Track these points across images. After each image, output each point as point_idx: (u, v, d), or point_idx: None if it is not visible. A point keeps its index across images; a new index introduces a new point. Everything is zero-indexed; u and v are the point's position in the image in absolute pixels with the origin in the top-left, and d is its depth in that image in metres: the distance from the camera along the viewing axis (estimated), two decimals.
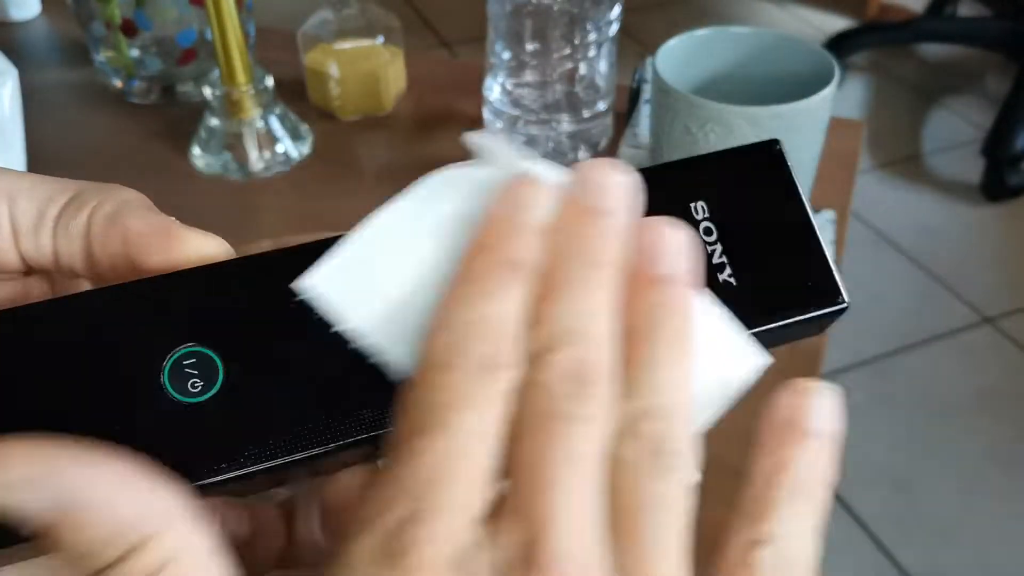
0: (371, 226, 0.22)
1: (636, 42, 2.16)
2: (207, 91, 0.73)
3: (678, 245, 0.21)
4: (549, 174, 0.22)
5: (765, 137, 0.25)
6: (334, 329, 0.22)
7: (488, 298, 0.19)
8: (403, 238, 0.22)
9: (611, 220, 0.21)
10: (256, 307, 0.23)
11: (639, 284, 0.21)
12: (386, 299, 0.21)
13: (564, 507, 0.18)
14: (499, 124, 0.77)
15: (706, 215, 0.24)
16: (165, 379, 0.22)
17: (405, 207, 0.22)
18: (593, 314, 0.20)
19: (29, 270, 0.24)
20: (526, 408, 0.19)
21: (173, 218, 0.23)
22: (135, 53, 0.82)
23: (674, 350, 0.21)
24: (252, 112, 0.74)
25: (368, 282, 0.21)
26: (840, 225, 0.70)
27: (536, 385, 0.19)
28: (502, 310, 0.19)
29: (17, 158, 0.69)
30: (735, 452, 0.54)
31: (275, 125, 0.76)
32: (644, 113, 0.75)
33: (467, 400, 0.19)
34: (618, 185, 0.21)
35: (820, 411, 0.22)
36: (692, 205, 0.24)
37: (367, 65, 0.81)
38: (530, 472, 0.19)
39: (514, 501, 0.18)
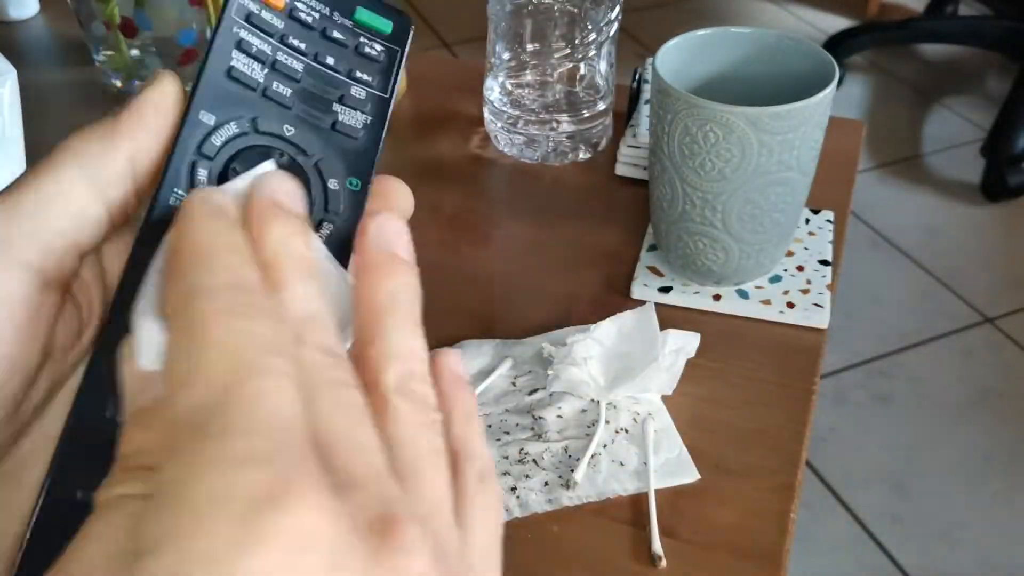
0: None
1: (636, 42, 2.16)
2: None
3: (398, 232, 0.25)
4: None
5: (765, 137, 0.25)
6: None
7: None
8: None
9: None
10: None
11: (375, 270, 0.24)
12: None
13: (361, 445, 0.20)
14: (499, 124, 0.77)
15: None
16: None
17: None
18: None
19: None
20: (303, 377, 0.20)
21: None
22: (135, 53, 0.82)
23: (415, 324, 0.24)
24: None
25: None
26: (840, 225, 0.70)
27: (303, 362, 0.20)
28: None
29: (17, 158, 0.69)
30: (735, 452, 0.54)
31: None
32: (644, 113, 0.75)
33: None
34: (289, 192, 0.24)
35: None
36: None
37: None
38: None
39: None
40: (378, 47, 0.29)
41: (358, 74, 0.28)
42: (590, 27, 0.72)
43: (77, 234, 0.24)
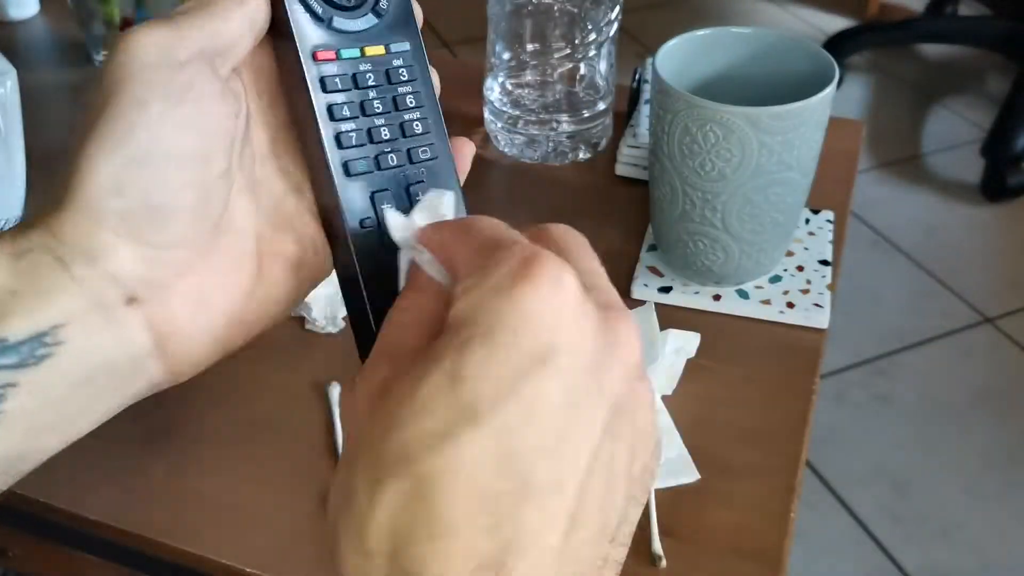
0: None
1: (636, 42, 2.16)
2: None
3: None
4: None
5: (765, 137, 0.25)
6: None
7: None
8: None
9: None
10: None
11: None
12: None
13: None
14: (499, 124, 0.77)
15: None
16: None
17: None
18: None
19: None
20: None
21: None
22: None
23: None
24: None
25: None
26: (840, 225, 0.70)
27: None
28: None
29: (17, 158, 0.69)
30: (735, 452, 0.54)
31: None
32: (644, 113, 0.75)
33: None
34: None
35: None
36: None
37: None
38: None
39: None
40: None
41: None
42: (590, 27, 0.72)
43: (230, 48, 0.32)
